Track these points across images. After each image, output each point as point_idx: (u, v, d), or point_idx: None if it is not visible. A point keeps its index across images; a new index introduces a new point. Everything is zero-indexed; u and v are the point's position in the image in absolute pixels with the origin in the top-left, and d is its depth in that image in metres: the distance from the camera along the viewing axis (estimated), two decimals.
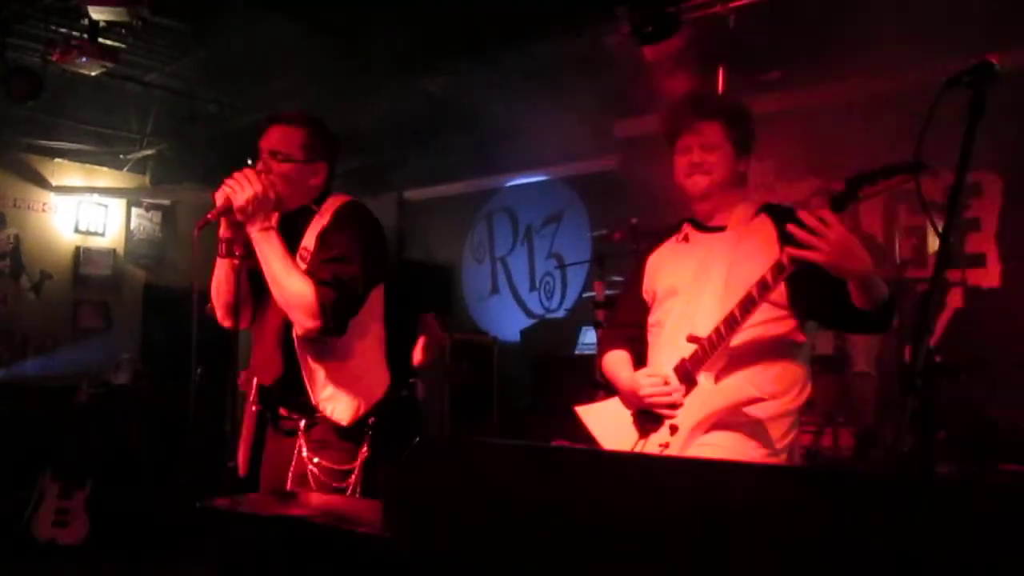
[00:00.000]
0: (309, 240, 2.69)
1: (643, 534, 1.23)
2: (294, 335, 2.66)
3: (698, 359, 2.36)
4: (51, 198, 8.06)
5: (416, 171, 8.21)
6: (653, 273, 2.65)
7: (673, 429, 2.36)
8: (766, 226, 2.45)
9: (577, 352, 6.31)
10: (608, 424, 2.59)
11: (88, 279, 8.25)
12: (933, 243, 4.92)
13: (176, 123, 7.57)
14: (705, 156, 2.49)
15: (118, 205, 8.52)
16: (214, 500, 1.59)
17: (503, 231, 7.92)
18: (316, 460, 2.67)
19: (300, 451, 2.69)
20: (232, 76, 6.57)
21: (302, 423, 2.71)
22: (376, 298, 2.79)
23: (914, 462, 1.51)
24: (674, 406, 2.37)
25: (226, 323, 2.80)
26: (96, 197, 8.31)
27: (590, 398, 4.74)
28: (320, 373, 2.68)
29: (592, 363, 4.98)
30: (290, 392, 2.73)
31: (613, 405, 2.61)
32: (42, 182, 8.02)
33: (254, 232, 2.55)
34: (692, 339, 2.38)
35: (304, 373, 2.68)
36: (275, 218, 2.71)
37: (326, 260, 2.61)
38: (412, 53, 6.02)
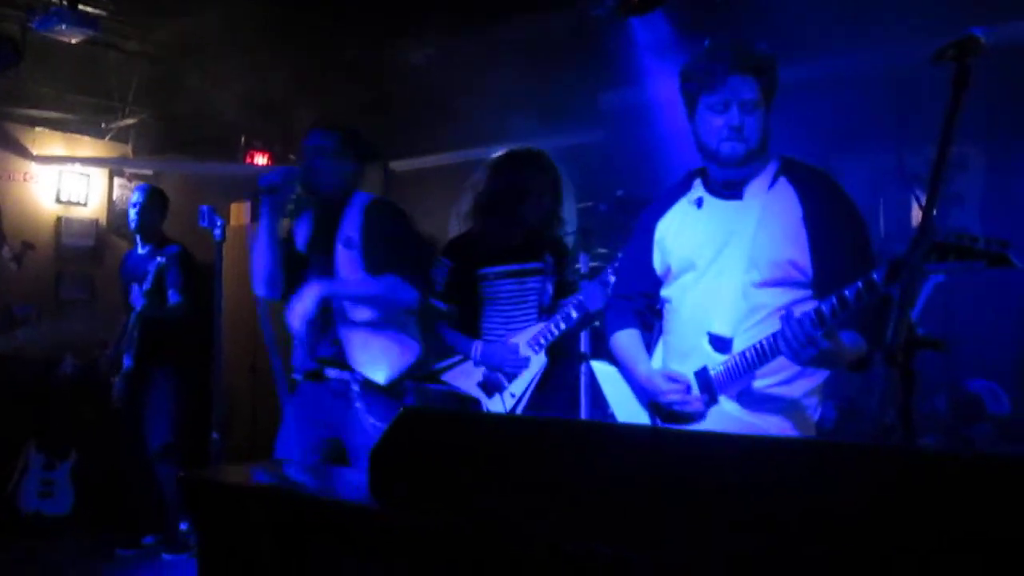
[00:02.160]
0: (351, 230, 3.28)
1: (635, 504, 1.24)
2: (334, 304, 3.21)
3: (722, 378, 2.26)
4: (32, 167, 7.98)
5: (401, 142, 8.16)
6: (665, 241, 2.46)
7: None
8: (788, 195, 2.29)
9: None
10: (624, 395, 2.53)
11: (71, 250, 8.19)
12: (918, 216, 4.93)
13: (158, 92, 7.50)
14: (744, 118, 2.25)
15: (100, 175, 8.44)
16: (197, 471, 1.59)
17: None
18: (379, 425, 3.06)
19: (363, 416, 3.18)
20: (214, 46, 6.50)
21: (356, 386, 3.20)
22: None
23: (896, 435, 1.52)
24: (693, 415, 2.30)
25: (260, 292, 3.33)
26: (78, 167, 8.23)
27: (574, 368, 4.78)
28: (360, 336, 3.21)
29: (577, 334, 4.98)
30: (333, 354, 3.23)
31: (620, 379, 2.56)
32: (23, 151, 7.93)
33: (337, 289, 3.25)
34: (715, 342, 2.26)
35: (346, 342, 3.20)
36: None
37: (392, 253, 3.22)
38: (397, 24, 5.97)
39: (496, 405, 3.43)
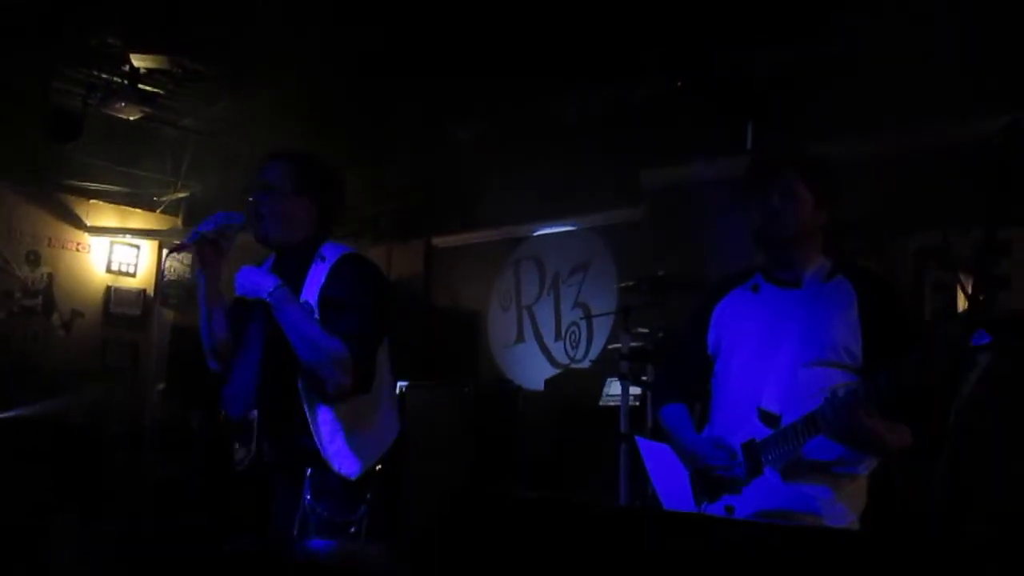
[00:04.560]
0: (310, 293, 2.66)
1: None
2: (300, 385, 2.62)
3: (771, 452, 2.30)
4: (85, 238, 8.20)
5: (444, 218, 8.27)
6: (721, 323, 2.56)
7: (729, 510, 2.32)
8: (843, 287, 2.40)
9: (602, 403, 6.27)
10: (665, 470, 2.56)
11: (118, 318, 8.35)
12: (963, 299, 4.87)
13: (210, 167, 7.70)
14: (784, 205, 2.41)
15: (150, 246, 8.65)
16: (243, 544, 1.59)
17: (530, 279, 7.93)
18: (319, 508, 2.61)
19: (304, 497, 2.63)
20: (266, 122, 6.69)
21: (309, 470, 2.64)
22: (387, 347, 2.79)
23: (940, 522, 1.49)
24: (736, 481, 2.33)
25: (211, 365, 2.85)
26: (128, 238, 8.45)
27: (614, 450, 4.74)
28: (330, 426, 2.63)
29: (616, 414, 4.95)
30: (296, 440, 2.66)
31: (664, 451, 2.58)
32: (77, 222, 8.17)
33: (271, 291, 2.57)
34: (764, 417, 2.33)
35: (312, 424, 2.62)
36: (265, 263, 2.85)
37: (340, 314, 2.59)
38: (442, 101, 6.11)
39: None
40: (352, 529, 2.63)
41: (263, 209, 2.70)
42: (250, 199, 2.72)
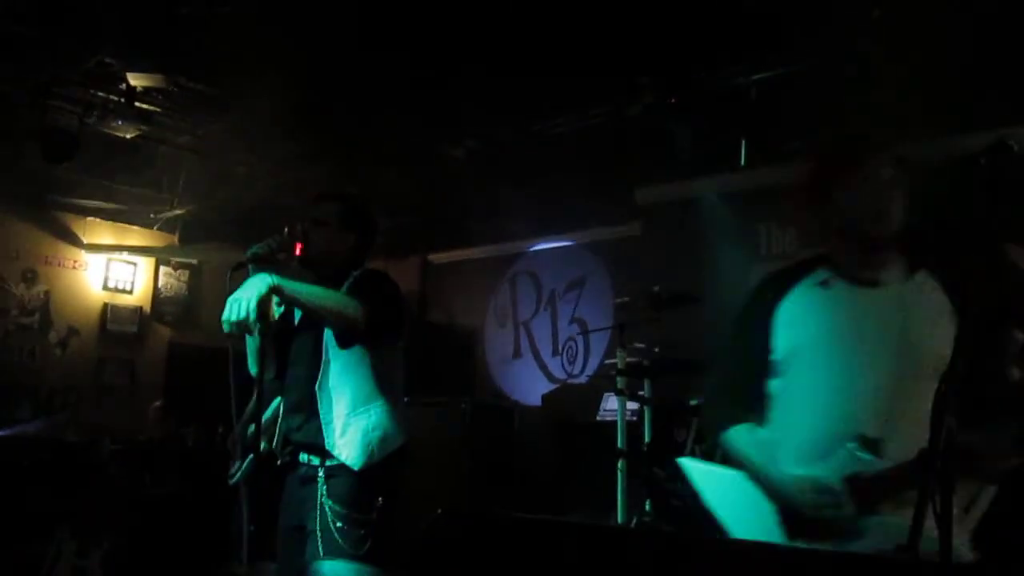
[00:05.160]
0: None
1: None
2: (316, 388, 2.97)
3: (883, 488, 1.96)
4: (82, 255, 8.21)
5: (440, 234, 8.28)
6: (789, 325, 2.19)
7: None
8: (931, 288, 2.12)
9: (599, 418, 6.27)
10: (735, 501, 2.19)
11: (114, 335, 8.34)
12: None
13: (206, 184, 7.71)
14: (892, 197, 2.12)
15: (147, 263, 8.65)
16: (234, 567, 1.59)
17: (526, 295, 7.95)
18: (336, 507, 2.87)
19: (321, 498, 2.89)
20: (261, 139, 6.70)
21: (322, 471, 2.93)
22: (400, 358, 3.20)
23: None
24: (845, 523, 1.97)
25: (252, 370, 3.08)
26: (125, 255, 8.45)
27: (612, 465, 4.73)
28: (340, 420, 2.94)
29: (614, 429, 4.94)
30: (310, 439, 2.96)
31: (739, 481, 2.18)
32: (74, 240, 8.17)
33: (271, 276, 2.79)
34: (866, 444, 1.99)
35: (323, 417, 2.94)
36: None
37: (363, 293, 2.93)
38: (438, 118, 6.12)
39: None
40: (367, 529, 2.85)
41: (313, 238, 3.09)
42: (301, 228, 3.10)
